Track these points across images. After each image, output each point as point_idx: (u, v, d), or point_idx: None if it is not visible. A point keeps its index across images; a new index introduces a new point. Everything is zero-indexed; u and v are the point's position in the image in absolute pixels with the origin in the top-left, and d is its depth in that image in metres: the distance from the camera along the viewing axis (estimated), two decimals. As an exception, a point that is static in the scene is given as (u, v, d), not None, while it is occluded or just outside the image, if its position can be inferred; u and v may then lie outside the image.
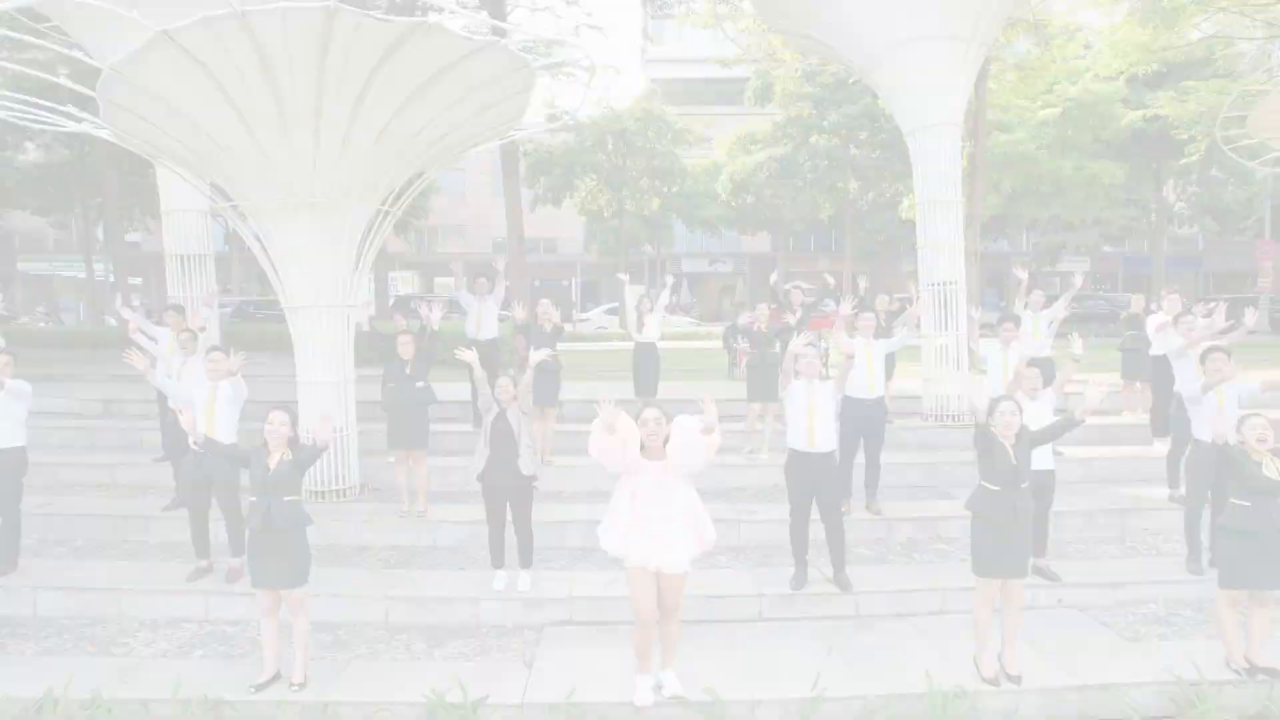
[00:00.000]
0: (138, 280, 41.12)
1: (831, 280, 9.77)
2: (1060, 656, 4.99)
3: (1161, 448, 7.81)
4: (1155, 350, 8.50)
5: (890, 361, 8.57)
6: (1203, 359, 6.16)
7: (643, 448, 4.35)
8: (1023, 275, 9.09)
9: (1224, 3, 13.77)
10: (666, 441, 4.37)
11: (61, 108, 7.35)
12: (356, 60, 5.64)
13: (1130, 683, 4.64)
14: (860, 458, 7.00)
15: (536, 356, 5.88)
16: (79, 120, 7.24)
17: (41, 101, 7.64)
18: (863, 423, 6.77)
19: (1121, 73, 17.31)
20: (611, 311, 25.83)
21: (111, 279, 37.84)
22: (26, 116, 7.64)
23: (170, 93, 5.73)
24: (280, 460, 4.65)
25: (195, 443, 5.08)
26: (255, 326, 20.04)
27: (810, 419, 5.56)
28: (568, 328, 11.17)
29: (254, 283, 38.99)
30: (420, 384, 6.61)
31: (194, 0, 5.34)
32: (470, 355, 5.70)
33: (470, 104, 6.67)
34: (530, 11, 14.75)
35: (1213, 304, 7.89)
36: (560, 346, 8.08)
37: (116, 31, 8.49)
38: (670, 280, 10.94)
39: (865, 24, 9.04)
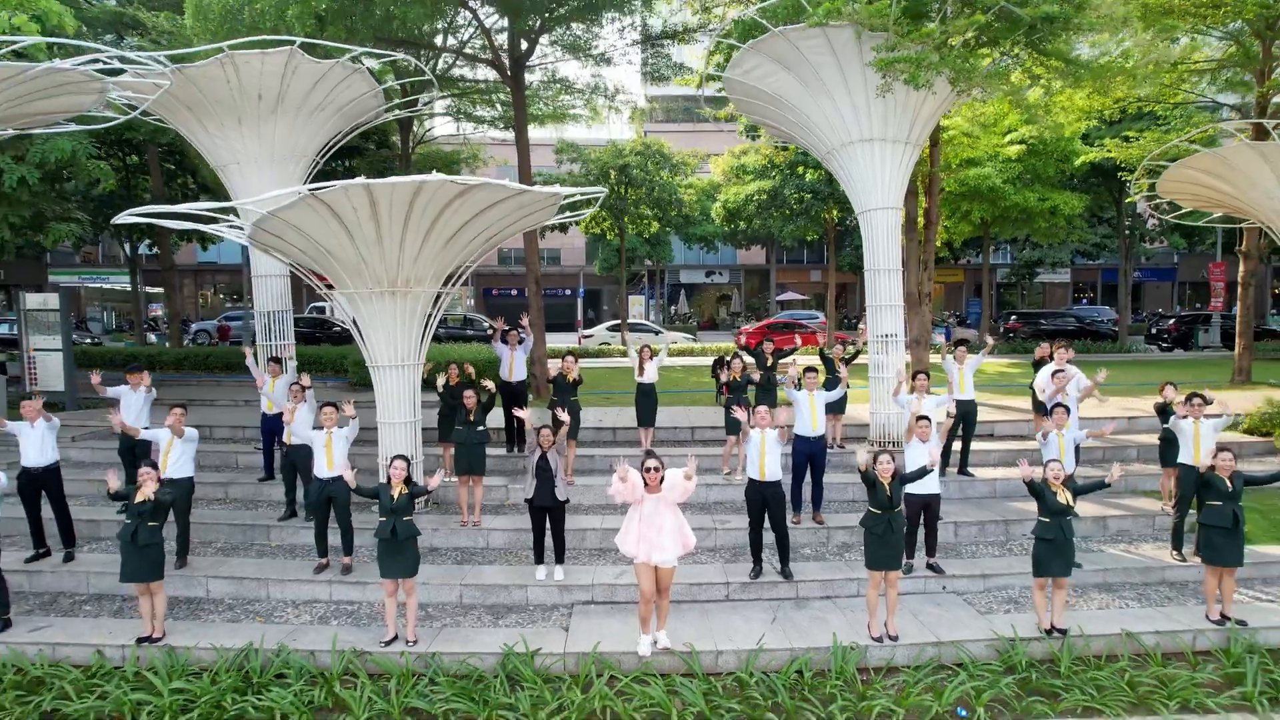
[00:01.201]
0: (158, 290, 43.45)
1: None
2: (931, 624, 7.36)
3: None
4: (1042, 397, 10.70)
5: (840, 405, 10.96)
6: (1051, 410, 8.55)
7: (645, 484, 6.69)
8: (989, 341, 11.30)
9: (1154, 72, 15.99)
10: (662, 480, 6.71)
11: (203, 213, 9.67)
12: (434, 203, 7.98)
13: (968, 639, 7.02)
14: (811, 479, 9.37)
15: (562, 416, 8.21)
16: (222, 224, 9.53)
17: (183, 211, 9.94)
18: (808, 455, 9.13)
19: (1067, 125, 19.57)
20: (614, 329, 28.14)
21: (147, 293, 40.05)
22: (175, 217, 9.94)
23: (303, 223, 8.06)
24: (400, 493, 7.01)
25: (352, 488, 7.41)
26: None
27: (762, 458, 7.90)
28: (572, 343, 13.46)
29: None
30: (480, 428, 8.98)
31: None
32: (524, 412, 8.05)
33: (513, 218, 9.03)
34: (548, 71, 16.99)
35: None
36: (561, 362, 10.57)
37: (221, 135, 10.91)
38: (666, 338, 13.20)
39: (820, 126, 11.37)
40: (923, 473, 7.39)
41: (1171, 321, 29.56)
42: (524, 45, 14.85)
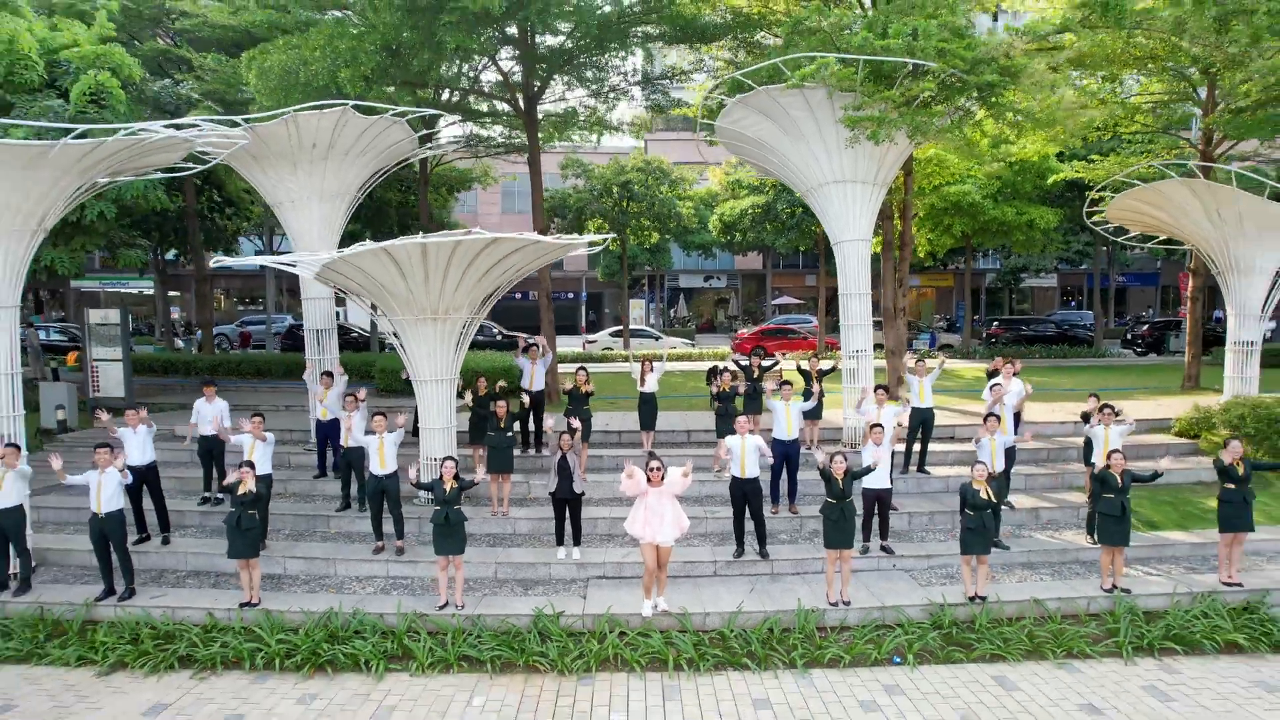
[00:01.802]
0: (176, 293, 45.26)
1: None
2: (879, 593, 9.16)
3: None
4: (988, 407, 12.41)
5: (817, 412, 12.72)
6: (985, 419, 10.34)
7: (649, 480, 8.48)
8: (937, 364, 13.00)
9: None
10: (663, 477, 8.50)
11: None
12: (470, 252, 9.75)
13: (907, 605, 8.83)
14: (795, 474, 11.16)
15: (574, 423, 10.00)
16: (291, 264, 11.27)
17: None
18: (784, 455, 10.92)
19: (1034, 153, 21.32)
20: (616, 334, 29.91)
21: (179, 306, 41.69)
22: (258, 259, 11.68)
23: (368, 266, 9.83)
24: (451, 487, 8.80)
25: (412, 483, 9.19)
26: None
27: (743, 459, 9.68)
28: (577, 346, 15.12)
29: (285, 297, 43.02)
30: (510, 434, 10.78)
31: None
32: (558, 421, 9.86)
33: (533, 258, 10.82)
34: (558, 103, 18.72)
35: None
36: (569, 369, 12.33)
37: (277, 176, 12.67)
38: (666, 343, 14.94)
39: (799, 168, 13.15)
40: (868, 470, 9.19)
41: (1145, 327, 31.35)
42: (536, 85, 16.63)
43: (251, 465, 9.03)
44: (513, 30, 14.49)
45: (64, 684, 7.80)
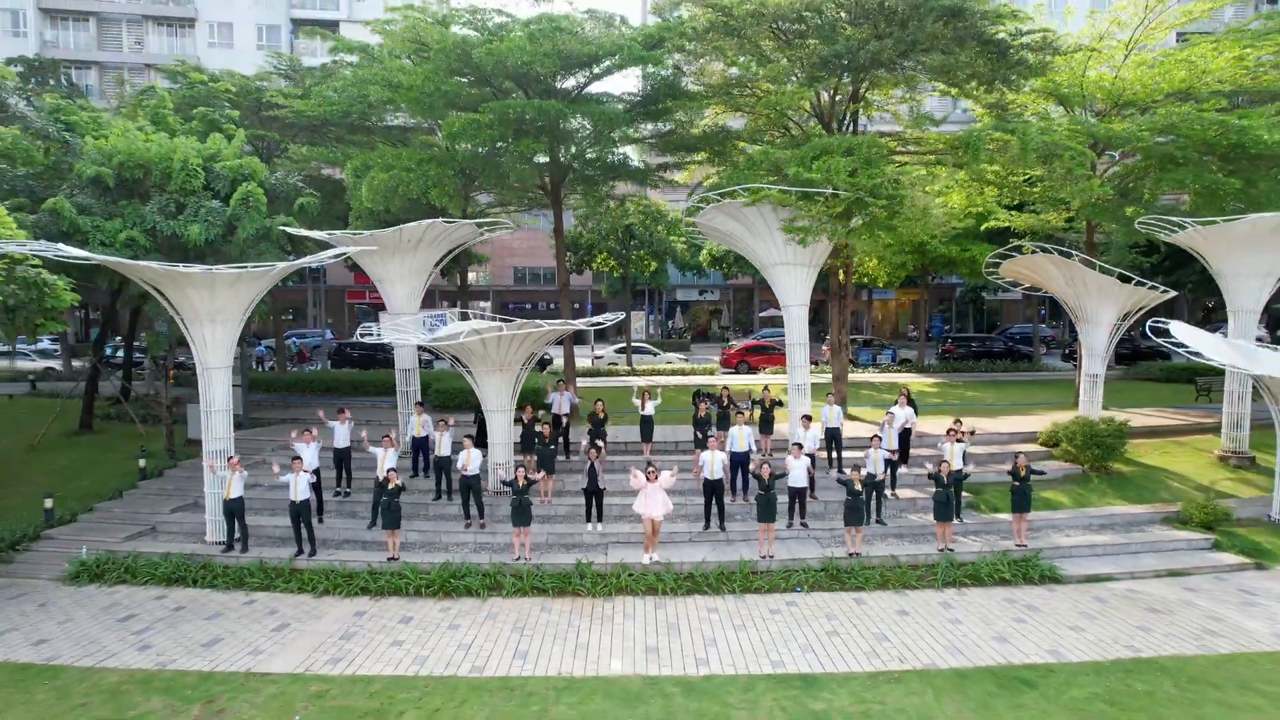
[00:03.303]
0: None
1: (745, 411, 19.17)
2: (793, 552, 14.61)
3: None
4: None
5: (770, 428, 18.11)
6: (872, 438, 15.79)
7: (647, 478, 13.94)
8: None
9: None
10: (657, 476, 13.95)
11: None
12: (528, 334, 15.19)
13: (809, 558, 14.28)
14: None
15: (600, 443, 15.45)
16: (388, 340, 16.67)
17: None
18: (739, 462, 16.33)
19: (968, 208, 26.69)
20: (620, 350, 35.32)
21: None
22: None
23: (466, 340, 15.24)
24: (523, 483, 14.24)
25: (502, 481, 14.66)
26: (365, 372, 29.20)
27: (712, 465, 15.10)
28: (586, 364, 20.47)
29: (320, 310, 48.38)
30: (552, 446, 16.24)
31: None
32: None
33: (568, 331, 16.27)
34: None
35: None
36: (582, 382, 17.70)
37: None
38: (659, 393, 20.29)
39: (757, 252, 18.51)
40: (783, 475, 14.62)
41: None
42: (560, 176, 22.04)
43: (396, 470, 14.48)
44: (546, 158, 19.85)
45: (297, 602, 13.26)
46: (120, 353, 28.02)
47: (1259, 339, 43.13)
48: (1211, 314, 41.18)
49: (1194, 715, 9.60)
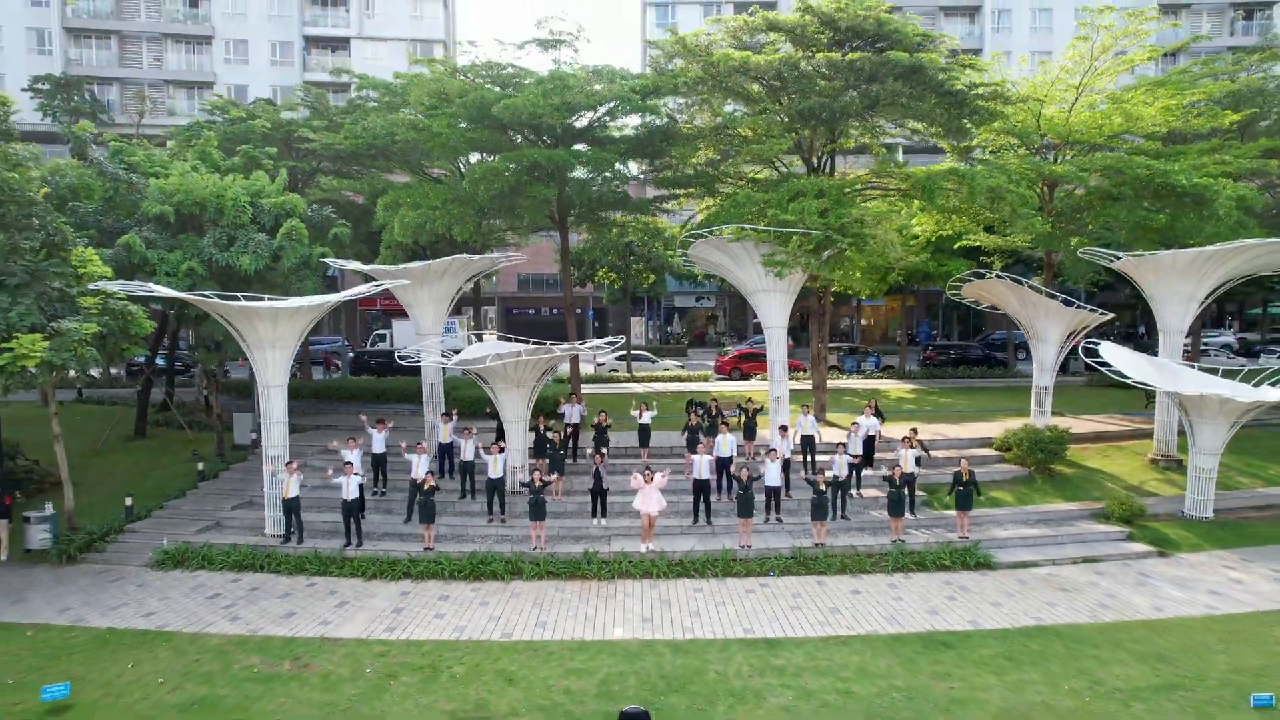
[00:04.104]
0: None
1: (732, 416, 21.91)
2: (768, 541, 17.37)
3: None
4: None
5: (752, 434, 20.88)
6: (838, 445, 18.56)
7: (645, 480, 16.70)
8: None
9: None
10: (653, 477, 16.71)
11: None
12: (542, 358, 17.94)
13: (782, 547, 17.04)
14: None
15: (601, 450, 18.20)
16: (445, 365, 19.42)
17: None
18: (724, 465, 19.07)
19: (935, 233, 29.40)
20: (620, 358, 38.03)
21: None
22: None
23: (490, 365, 17.97)
24: (539, 484, 17.00)
25: (521, 483, 17.45)
26: (383, 380, 31.89)
27: (700, 468, 17.86)
28: (588, 369, 23.31)
29: (331, 319, 51.04)
30: (561, 451, 19.00)
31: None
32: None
33: (576, 354, 19.05)
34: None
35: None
36: (585, 389, 20.42)
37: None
38: (654, 404, 23.08)
39: (742, 280, 21.26)
40: (759, 476, 17.37)
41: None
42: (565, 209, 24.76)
43: (432, 473, 17.24)
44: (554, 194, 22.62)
45: (351, 584, 16.03)
46: (164, 362, 30.58)
47: (1226, 345, 46.07)
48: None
49: (1072, 666, 12.35)
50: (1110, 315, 22.52)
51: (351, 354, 40.06)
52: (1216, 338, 46.60)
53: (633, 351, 38.63)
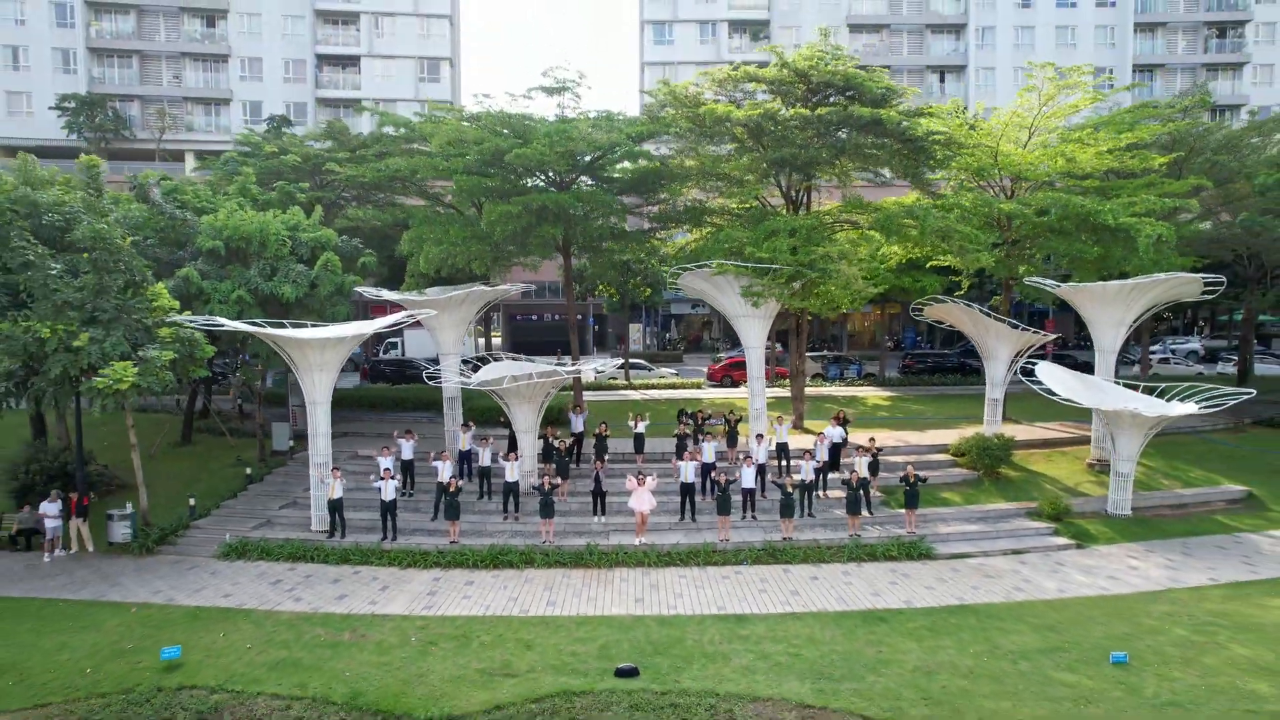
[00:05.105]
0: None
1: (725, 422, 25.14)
2: (744, 536, 20.54)
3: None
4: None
5: (734, 441, 24.08)
6: (805, 454, 21.74)
7: (639, 482, 19.88)
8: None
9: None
10: (646, 481, 19.90)
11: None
12: (550, 378, 21.11)
13: (756, 540, 20.23)
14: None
15: (602, 457, 21.38)
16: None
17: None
18: (707, 470, 22.24)
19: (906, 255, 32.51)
20: (619, 366, 41.19)
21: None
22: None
23: (504, 384, 21.12)
24: (549, 487, 20.18)
25: (533, 486, 20.65)
26: (399, 387, 34.99)
27: (686, 472, 21.03)
28: (593, 376, 26.68)
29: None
30: (567, 458, 22.18)
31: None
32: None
33: (579, 374, 22.24)
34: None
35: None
36: (587, 395, 23.61)
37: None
38: (648, 416, 26.26)
39: (725, 306, 24.42)
40: (736, 480, 20.56)
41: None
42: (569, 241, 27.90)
43: (455, 476, 20.43)
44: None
45: (389, 572, 19.21)
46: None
47: (1193, 352, 49.17)
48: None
49: (980, 635, 15.53)
50: (1054, 335, 25.74)
51: (367, 362, 43.12)
52: (1184, 344, 49.74)
53: (630, 360, 41.77)
